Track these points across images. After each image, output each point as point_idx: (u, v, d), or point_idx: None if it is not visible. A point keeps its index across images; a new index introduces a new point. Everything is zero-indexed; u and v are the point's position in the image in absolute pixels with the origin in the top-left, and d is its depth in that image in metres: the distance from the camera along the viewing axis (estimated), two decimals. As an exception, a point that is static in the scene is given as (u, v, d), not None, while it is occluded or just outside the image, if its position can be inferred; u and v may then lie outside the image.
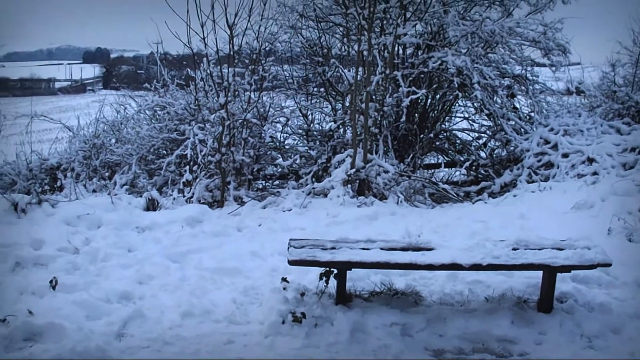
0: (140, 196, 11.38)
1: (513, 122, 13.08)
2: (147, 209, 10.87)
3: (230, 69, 12.19)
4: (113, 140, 14.09)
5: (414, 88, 12.52)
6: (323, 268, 6.56)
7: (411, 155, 12.88)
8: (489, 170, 13.21)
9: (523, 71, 13.92)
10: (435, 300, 6.91)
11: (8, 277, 7.63)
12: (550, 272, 6.39)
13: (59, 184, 13.28)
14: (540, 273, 6.52)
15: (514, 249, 6.49)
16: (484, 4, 13.72)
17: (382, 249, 6.55)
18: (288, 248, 6.65)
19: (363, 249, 6.57)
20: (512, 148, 13.06)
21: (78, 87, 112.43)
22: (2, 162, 14.15)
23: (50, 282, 7.07)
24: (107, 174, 13.34)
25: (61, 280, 7.14)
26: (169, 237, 9.29)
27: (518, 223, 9.70)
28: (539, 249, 6.52)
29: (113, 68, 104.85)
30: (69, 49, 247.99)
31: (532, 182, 11.90)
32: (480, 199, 11.94)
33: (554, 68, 13.62)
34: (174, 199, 11.47)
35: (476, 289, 7.13)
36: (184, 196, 11.68)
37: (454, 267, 6.25)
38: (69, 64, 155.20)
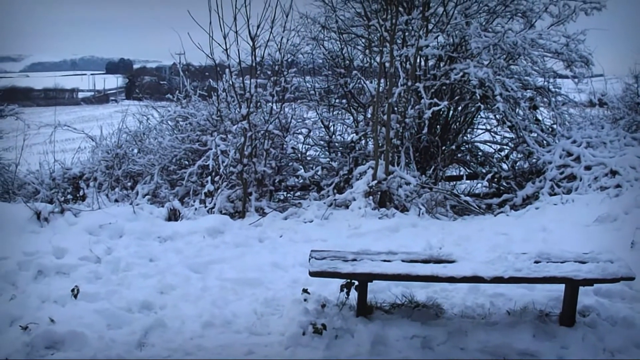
0: (162, 206, 11.43)
1: (535, 134, 13.01)
2: (169, 219, 10.91)
3: (252, 80, 12.23)
4: (135, 151, 14.16)
5: (436, 100, 12.49)
6: (344, 280, 6.55)
7: (433, 167, 12.84)
8: (511, 182, 13.14)
9: (545, 83, 13.87)
10: (456, 312, 6.88)
11: (30, 285, 7.68)
12: (572, 286, 6.34)
13: (81, 193, 13.36)
14: (562, 286, 6.47)
15: (536, 262, 6.45)
16: (506, 16, 13.69)
17: (403, 261, 6.53)
18: (309, 259, 6.64)
19: (384, 260, 6.55)
20: (534, 160, 13.01)
21: (101, 97, 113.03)
22: (25, 171, 14.29)
23: (72, 290, 7.10)
24: (129, 183, 13.41)
25: (83, 289, 7.18)
26: (191, 247, 9.31)
27: (540, 236, 9.64)
28: (561, 262, 6.47)
29: (136, 79, 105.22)
30: (93, 59, 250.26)
31: (555, 194, 11.83)
32: (502, 212, 11.88)
33: (576, 80, 13.54)
34: (196, 209, 11.50)
35: (498, 302, 7.09)
36: (205, 207, 11.71)
37: (476, 279, 6.22)
38: (92, 74, 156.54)
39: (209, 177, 12.15)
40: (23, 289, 7.53)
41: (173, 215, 10.98)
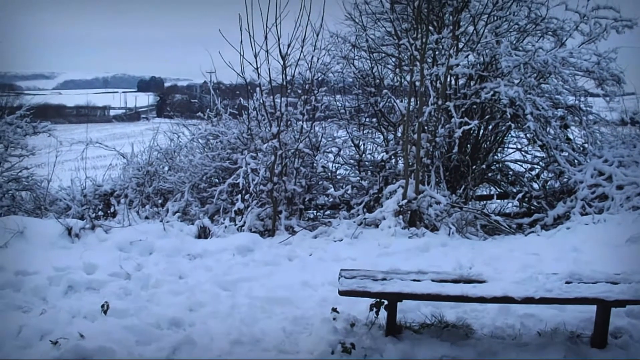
0: (192, 224, 11.49)
1: (566, 154, 12.93)
2: (199, 236, 10.96)
3: (282, 98, 12.26)
4: (166, 168, 14.23)
5: (466, 119, 12.46)
6: (374, 299, 6.54)
7: (463, 186, 12.79)
8: (541, 202, 13.05)
9: (576, 102, 13.77)
10: (486, 333, 6.83)
11: (61, 301, 7.75)
12: (604, 307, 6.28)
13: (112, 210, 13.44)
14: (594, 307, 6.40)
15: (567, 283, 6.40)
16: (537, 34, 13.66)
17: (433, 280, 6.51)
18: (339, 278, 6.64)
19: (414, 280, 6.53)
20: (565, 180, 12.91)
21: (132, 115, 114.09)
22: (57, 187, 14.42)
23: (102, 306, 7.14)
24: (159, 201, 13.47)
25: (112, 305, 7.21)
26: (220, 265, 9.34)
27: (571, 256, 9.56)
28: (592, 283, 6.42)
29: (167, 96, 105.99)
30: (124, 77, 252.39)
31: (586, 214, 11.72)
32: (532, 231, 11.80)
33: (608, 98, 13.44)
34: (226, 227, 11.53)
35: (528, 323, 7.03)
36: (235, 224, 11.74)
37: (506, 300, 6.18)
38: (123, 92, 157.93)
39: (239, 195, 12.18)
40: (53, 303, 7.60)
41: (203, 233, 11.03)
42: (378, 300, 6.53)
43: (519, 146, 14.74)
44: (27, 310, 7.42)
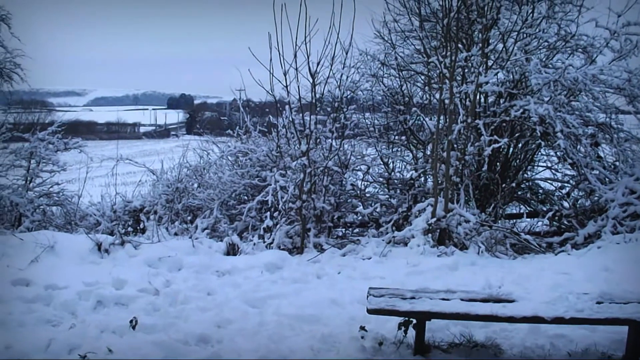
0: (221, 240, 11.52)
1: (597, 172, 12.80)
2: (228, 253, 10.98)
3: (312, 116, 12.30)
4: (195, 185, 14.31)
5: (495, 137, 12.41)
6: (402, 318, 6.52)
7: (493, 204, 12.71)
8: (572, 220, 12.92)
9: (607, 119, 13.63)
10: (515, 353, 6.78)
11: (90, 315, 7.81)
12: (636, 328, 6.22)
13: (141, 226, 13.54)
14: (625, 328, 6.34)
15: (598, 303, 6.35)
16: (567, 52, 13.59)
17: (462, 299, 6.49)
18: (367, 296, 6.63)
19: (443, 299, 6.51)
20: (596, 198, 12.79)
21: (162, 132, 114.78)
22: (87, 203, 14.55)
23: (131, 321, 7.18)
24: (189, 217, 13.55)
25: (141, 321, 7.25)
26: (249, 282, 9.35)
27: (602, 275, 9.46)
28: (624, 303, 6.36)
29: (196, 114, 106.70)
30: (154, 94, 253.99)
31: (617, 233, 11.60)
32: (563, 250, 11.68)
33: (639, 115, 13.34)
34: (254, 244, 11.56)
35: (558, 343, 6.96)
36: (264, 242, 11.76)
37: (536, 320, 6.14)
38: (153, 109, 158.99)
39: (268, 213, 12.21)
40: (82, 318, 7.67)
41: (232, 250, 11.05)
42: (406, 319, 6.52)
43: (549, 164, 14.65)
44: (56, 324, 7.49)
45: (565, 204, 13.83)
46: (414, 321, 6.49)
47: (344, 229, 13.63)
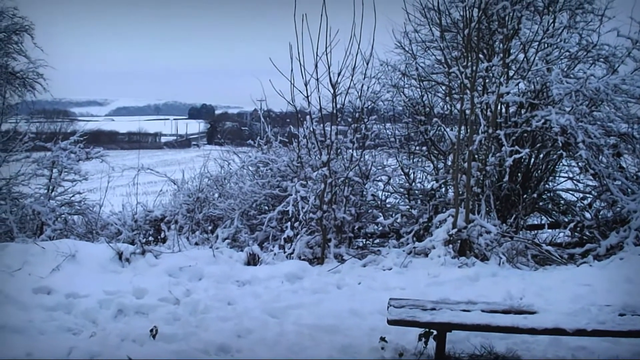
0: (242, 250, 11.53)
1: (619, 182, 12.71)
2: (248, 263, 11.00)
3: (332, 126, 12.30)
4: (216, 195, 14.34)
5: (517, 147, 12.37)
6: (422, 329, 6.50)
7: (514, 215, 12.65)
8: (594, 231, 12.83)
9: (629, 129, 13.52)
10: (536, 365, 6.75)
11: (110, 324, 7.85)
12: (659, 340, 6.18)
13: (162, 235, 13.59)
14: (648, 341, 6.30)
15: (621, 315, 6.31)
16: (588, 61, 13.52)
17: (483, 311, 6.46)
18: (388, 307, 6.62)
19: (464, 310, 6.49)
20: (618, 209, 12.71)
21: (183, 142, 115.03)
22: (109, 212, 14.63)
23: (151, 330, 7.21)
24: (209, 227, 13.58)
25: (161, 330, 7.28)
26: (269, 292, 9.36)
27: (625, 287, 9.38)
28: (647, 315, 6.31)
29: (217, 124, 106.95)
30: (175, 104, 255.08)
31: (640, 244, 11.54)
32: (585, 262, 11.59)
33: (662, 126, 13.25)
34: (275, 254, 11.57)
35: (580, 356, 6.92)
36: (284, 252, 11.76)
37: (557, 332, 6.10)
38: (175, 119, 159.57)
39: (289, 223, 12.21)
40: (103, 326, 7.71)
41: (252, 260, 11.06)
42: (427, 330, 6.51)
43: (571, 175, 14.56)
44: (77, 333, 7.54)
45: (587, 215, 13.72)
46: (435, 332, 6.48)
47: (364, 240, 13.61)
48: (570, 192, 14.45)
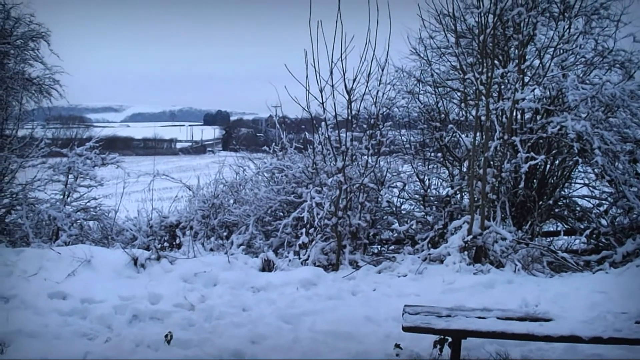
0: (257, 257, 11.54)
1: (636, 189, 12.64)
2: (263, 269, 11.00)
3: (348, 133, 12.30)
4: (231, 201, 14.37)
5: (532, 154, 12.33)
6: (437, 336, 6.49)
7: (529, 222, 12.62)
8: (610, 238, 12.78)
9: (646, 135, 13.51)
10: (552, 372, 6.71)
11: (125, 329, 7.88)
12: (676, 348, 6.13)
13: (177, 241, 13.61)
14: (665, 348, 6.26)
15: (637, 322, 6.27)
16: (604, 67, 13.47)
17: (498, 318, 6.44)
18: (403, 314, 6.60)
19: (479, 317, 6.47)
20: (635, 215, 12.66)
21: (198, 148, 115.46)
22: (124, 217, 14.67)
23: (166, 336, 7.24)
24: (224, 233, 13.59)
25: (176, 335, 7.30)
26: (284, 298, 9.36)
27: (641, 295, 9.36)
28: (664, 323, 6.27)
29: (233, 130, 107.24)
30: (191, 111, 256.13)
31: (657, 251, 11.47)
32: (601, 269, 11.55)
33: (678, 132, 13.17)
34: (290, 260, 11.57)
35: (596, 363, 6.89)
36: (299, 258, 11.77)
37: (573, 339, 6.07)
38: (190, 125, 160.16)
39: (304, 229, 12.20)
40: (118, 332, 7.74)
41: (267, 266, 11.07)
42: (442, 337, 6.49)
43: (587, 181, 14.48)
44: (92, 338, 7.58)
45: (603, 222, 13.65)
46: (450, 339, 6.46)
47: (379, 246, 13.59)
48: (586, 198, 14.37)
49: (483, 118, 11.96)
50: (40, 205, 13.75)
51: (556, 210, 14.18)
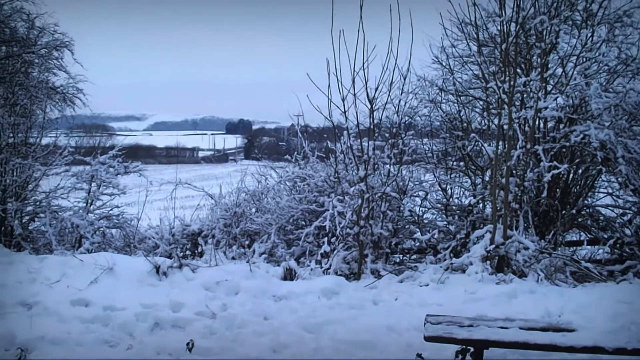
0: (278, 265, 11.55)
1: (660, 198, 12.58)
2: (285, 278, 11.00)
3: (370, 142, 12.30)
4: (253, 210, 14.38)
5: (555, 162, 12.26)
6: (459, 346, 6.46)
7: (552, 231, 12.54)
8: (634, 248, 12.68)
9: (670, 144, 13.40)
10: (575, 383, 6.66)
11: (147, 337, 7.91)
12: (701, 359, 6.07)
13: (199, 249, 13.65)
14: (691, 360, 6.19)
15: (662, 333, 6.22)
16: (628, 75, 13.37)
17: (521, 328, 6.41)
18: (424, 323, 6.59)
19: (501, 327, 6.45)
20: (659, 225, 12.57)
21: (220, 157, 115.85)
22: (146, 225, 14.74)
23: (187, 344, 7.27)
24: (246, 242, 13.61)
25: (197, 343, 7.33)
26: (305, 307, 9.36)
27: (666, 305, 9.27)
28: (688, 334, 6.21)
29: (254, 139, 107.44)
30: (213, 119, 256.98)
31: (682, 261, 11.37)
32: (625, 279, 11.45)
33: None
34: (312, 269, 11.57)
35: (620, 374, 6.82)
36: (321, 267, 11.76)
37: (597, 350, 6.03)
38: (212, 134, 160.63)
39: (326, 238, 12.21)
40: (140, 339, 7.77)
41: (289, 275, 11.07)
42: (464, 347, 6.46)
43: (610, 190, 14.39)
44: (114, 345, 7.61)
45: (627, 231, 13.53)
46: (472, 349, 6.43)
47: (401, 255, 13.57)
48: (610, 207, 14.27)
49: (505, 127, 11.92)
50: (64, 213, 13.84)
51: (579, 219, 14.09)
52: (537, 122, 12.79)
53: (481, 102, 14.24)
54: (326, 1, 11.84)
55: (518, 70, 12.52)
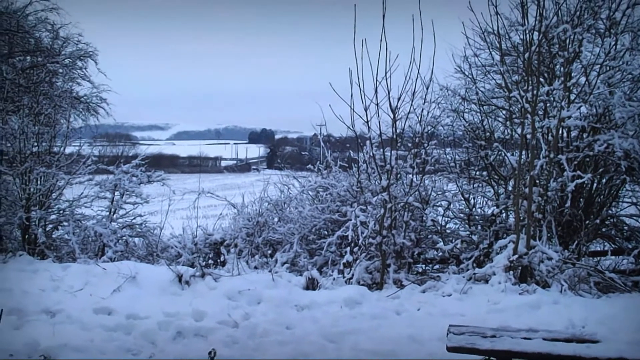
0: (301, 275, 11.55)
1: (686, 208, 12.48)
2: (307, 287, 11.00)
3: (392, 151, 12.29)
4: (276, 219, 14.40)
5: (579, 172, 12.20)
6: (482, 356, 6.43)
7: (576, 241, 12.46)
8: (659, 258, 12.60)
9: (695, 153, 13.29)
10: (599, 395, 6.60)
11: (169, 345, 7.96)
12: None
13: (222, 259, 13.69)
14: None
15: (687, 345, 6.16)
16: (652, 84, 13.31)
17: (544, 339, 6.38)
18: (447, 334, 6.56)
19: (524, 338, 6.41)
20: (684, 235, 12.46)
21: (243, 166, 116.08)
22: (169, 234, 14.78)
23: (209, 353, 7.28)
24: (269, 251, 13.65)
25: (219, 352, 7.35)
26: (328, 316, 9.36)
27: (691, 316, 9.19)
28: None
29: (277, 148, 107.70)
30: (236, 129, 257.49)
31: None
32: (649, 290, 11.39)
33: None
34: (334, 279, 11.57)
35: (644, 386, 6.76)
36: (343, 277, 11.75)
37: (621, 361, 5.98)
38: (235, 143, 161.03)
39: (348, 248, 12.20)
40: (162, 348, 7.81)
41: (311, 284, 11.07)
42: (487, 357, 6.43)
43: (635, 200, 14.28)
44: (136, 354, 7.66)
45: (652, 242, 13.46)
46: (495, 360, 6.40)
47: (424, 265, 13.53)
48: (634, 217, 14.17)
49: (529, 136, 11.87)
50: (87, 222, 13.93)
51: (603, 229, 13.99)
52: (560, 132, 12.72)
53: (504, 112, 14.19)
54: (349, 11, 11.89)
55: (541, 79, 12.47)
